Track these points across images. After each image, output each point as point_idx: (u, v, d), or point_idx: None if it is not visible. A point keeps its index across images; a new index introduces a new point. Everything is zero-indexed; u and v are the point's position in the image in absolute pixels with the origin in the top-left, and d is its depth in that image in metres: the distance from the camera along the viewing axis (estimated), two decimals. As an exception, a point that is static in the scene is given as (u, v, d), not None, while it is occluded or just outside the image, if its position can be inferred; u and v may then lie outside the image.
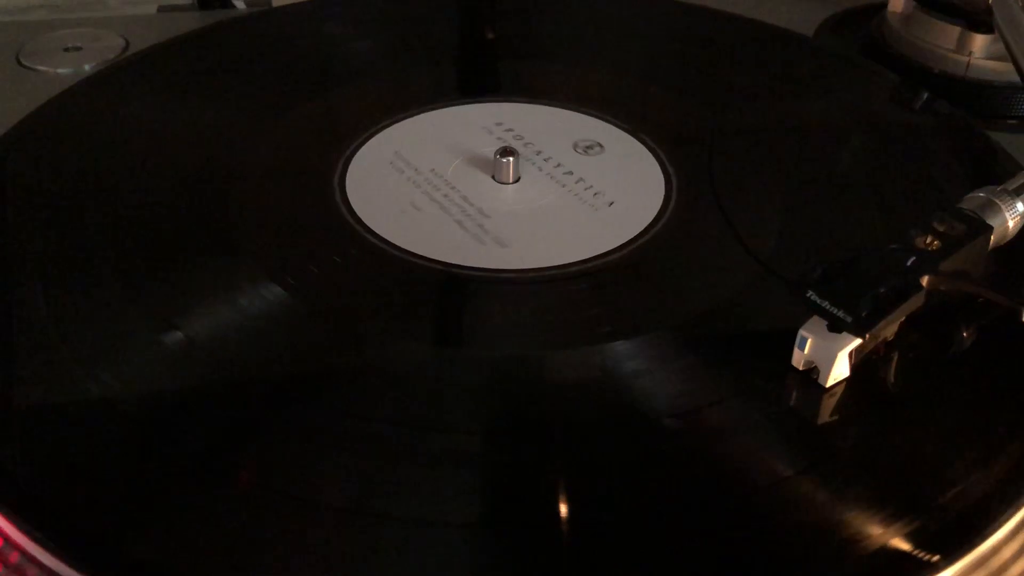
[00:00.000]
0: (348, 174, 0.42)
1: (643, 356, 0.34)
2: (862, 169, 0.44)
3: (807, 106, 0.48)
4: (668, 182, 0.42)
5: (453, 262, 0.37)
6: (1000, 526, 0.29)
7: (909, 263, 0.32)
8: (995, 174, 0.39)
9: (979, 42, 0.51)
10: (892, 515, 0.29)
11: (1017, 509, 0.29)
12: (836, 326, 0.31)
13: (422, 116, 0.46)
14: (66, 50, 0.53)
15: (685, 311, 0.36)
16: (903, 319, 0.32)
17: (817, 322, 0.32)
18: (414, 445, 0.30)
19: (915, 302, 0.31)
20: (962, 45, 0.51)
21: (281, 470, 0.30)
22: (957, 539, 0.28)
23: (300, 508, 0.28)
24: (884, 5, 0.56)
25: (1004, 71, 0.49)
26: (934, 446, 0.31)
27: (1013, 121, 0.50)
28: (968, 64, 0.51)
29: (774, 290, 0.36)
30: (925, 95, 0.49)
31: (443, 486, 0.29)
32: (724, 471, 0.30)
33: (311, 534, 0.28)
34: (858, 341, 0.31)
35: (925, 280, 0.32)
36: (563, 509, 0.29)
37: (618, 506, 0.29)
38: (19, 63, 0.52)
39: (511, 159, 0.41)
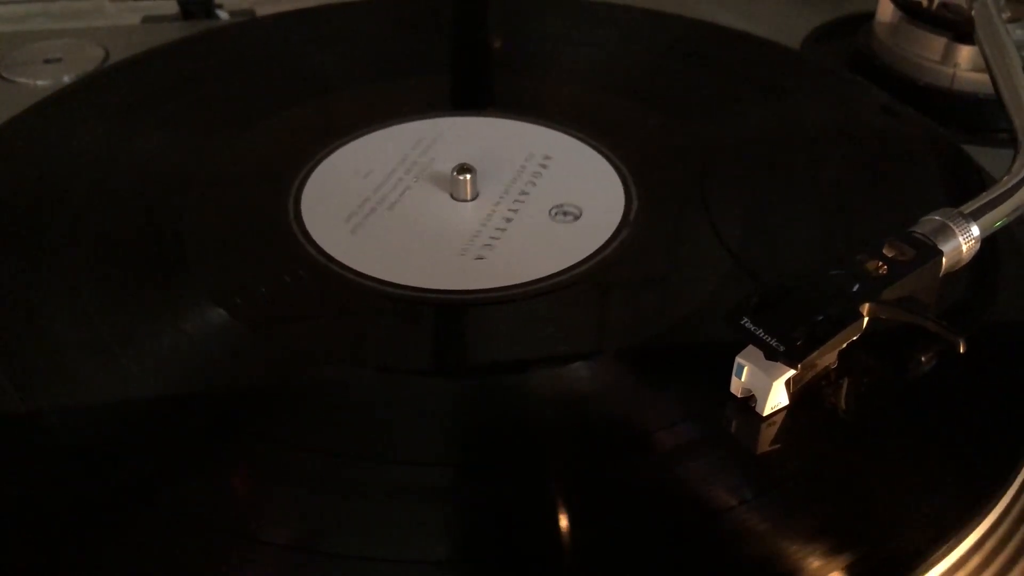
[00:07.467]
0: (304, 192, 0.41)
1: (598, 378, 0.33)
2: (836, 185, 0.44)
3: (785, 120, 0.47)
4: (628, 197, 0.41)
5: (408, 283, 0.37)
6: (940, 561, 0.28)
7: (854, 289, 0.31)
8: (971, 191, 0.38)
9: (964, 54, 0.50)
10: (830, 549, 0.28)
11: (957, 544, 0.29)
12: (770, 355, 0.30)
13: (380, 132, 0.45)
14: (46, 62, 0.53)
15: (638, 332, 0.36)
16: (843, 347, 0.31)
17: (755, 349, 0.31)
18: (367, 476, 0.30)
19: (853, 331, 0.31)
20: (947, 57, 0.51)
21: (224, 503, 0.29)
22: (897, 574, 0.28)
23: (242, 544, 0.28)
24: (872, 15, 0.55)
25: (989, 84, 0.48)
26: (876, 477, 0.30)
27: (1001, 135, 0.49)
28: (953, 76, 0.50)
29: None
30: (906, 110, 0.47)
31: (398, 519, 0.29)
32: (659, 502, 0.29)
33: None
34: (793, 371, 0.30)
35: (865, 308, 0.31)
36: (503, 539, 0.29)
37: (558, 537, 0.29)
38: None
39: (468, 176, 0.41)
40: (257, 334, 0.35)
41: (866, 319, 0.31)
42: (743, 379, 0.31)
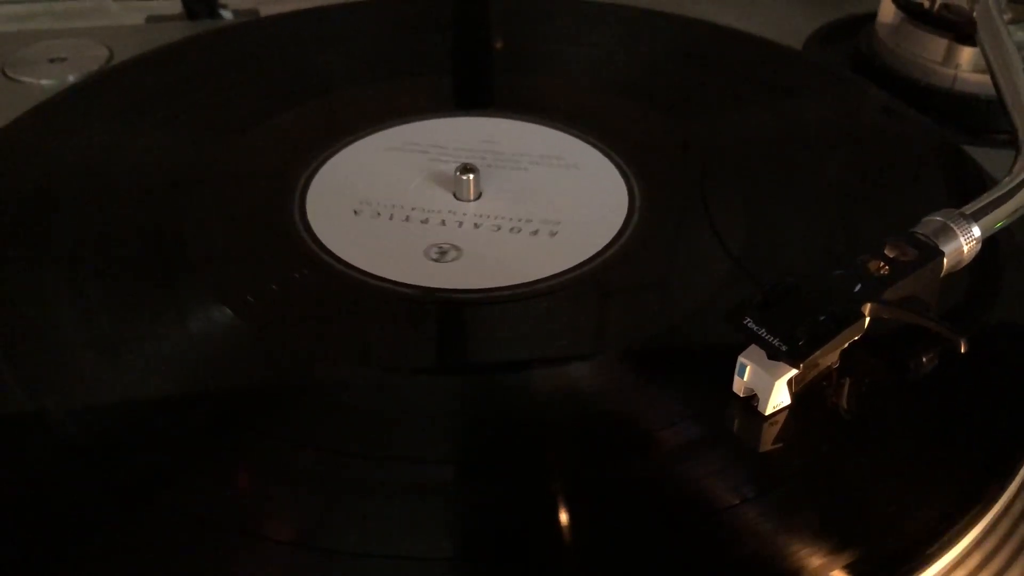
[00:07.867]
0: (309, 191, 0.41)
1: (600, 377, 0.33)
2: (838, 185, 0.44)
3: (787, 120, 0.47)
4: (631, 197, 0.42)
5: (412, 282, 0.37)
6: (939, 560, 0.28)
7: (855, 290, 0.32)
8: (971, 192, 0.39)
9: (966, 55, 0.50)
10: (831, 547, 0.28)
11: (957, 543, 0.29)
12: (772, 354, 0.30)
13: (385, 132, 0.45)
14: (51, 61, 0.53)
15: (641, 332, 0.36)
16: (845, 346, 0.31)
17: (757, 349, 0.31)
18: (368, 474, 0.30)
19: (854, 330, 0.31)
20: (949, 58, 0.51)
21: (230, 502, 0.29)
22: (898, 572, 0.28)
23: (249, 544, 0.28)
24: (874, 16, 0.55)
25: (990, 85, 0.48)
26: (878, 476, 0.30)
27: (1003, 136, 0.49)
28: (955, 77, 0.50)
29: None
30: (907, 111, 0.48)
31: (401, 517, 0.29)
32: (661, 500, 0.30)
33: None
34: (795, 370, 0.30)
35: (867, 308, 0.31)
36: (504, 537, 0.29)
37: (560, 535, 0.29)
38: (4, 74, 0.52)
39: (471, 176, 0.41)
40: (264, 333, 0.35)
41: (868, 319, 0.31)
42: (745, 378, 0.31)
